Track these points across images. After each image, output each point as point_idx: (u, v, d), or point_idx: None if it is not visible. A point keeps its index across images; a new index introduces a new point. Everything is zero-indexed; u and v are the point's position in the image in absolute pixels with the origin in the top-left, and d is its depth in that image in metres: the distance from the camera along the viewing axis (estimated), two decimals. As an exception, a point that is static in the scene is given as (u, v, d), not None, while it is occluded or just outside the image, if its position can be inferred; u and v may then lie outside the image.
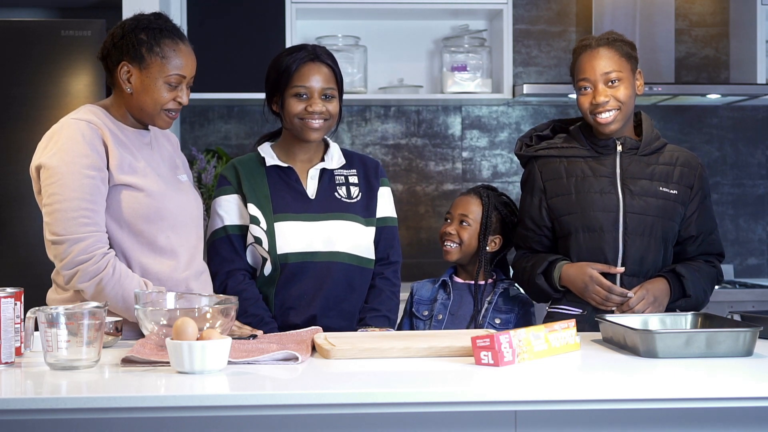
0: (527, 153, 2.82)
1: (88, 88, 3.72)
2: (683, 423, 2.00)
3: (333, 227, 2.67)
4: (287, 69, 2.66)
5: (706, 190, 2.77)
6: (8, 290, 2.10)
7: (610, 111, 2.68)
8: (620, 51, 2.70)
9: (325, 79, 2.66)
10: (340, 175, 2.75)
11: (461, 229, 2.93)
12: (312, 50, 2.69)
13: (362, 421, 1.96)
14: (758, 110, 4.64)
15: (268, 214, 2.65)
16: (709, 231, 2.76)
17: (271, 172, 2.71)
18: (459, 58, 4.34)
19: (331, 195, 2.71)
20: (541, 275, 2.72)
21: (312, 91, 2.65)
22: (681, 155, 2.77)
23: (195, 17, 4.14)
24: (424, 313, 2.90)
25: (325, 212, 2.68)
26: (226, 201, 2.71)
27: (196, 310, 2.14)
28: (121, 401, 1.79)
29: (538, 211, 2.78)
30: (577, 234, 2.70)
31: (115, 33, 2.49)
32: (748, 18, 4.40)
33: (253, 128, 4.47)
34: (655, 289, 2.63)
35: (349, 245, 2.68)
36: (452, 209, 2.99)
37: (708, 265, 2.75)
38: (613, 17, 4.30)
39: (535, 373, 2.01)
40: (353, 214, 2.70)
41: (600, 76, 2.68)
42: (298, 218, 2.66)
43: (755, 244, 4.62)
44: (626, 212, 2.67)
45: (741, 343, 2.15)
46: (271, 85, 2.72)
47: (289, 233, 2.64)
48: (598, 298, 2.62)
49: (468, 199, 2.98)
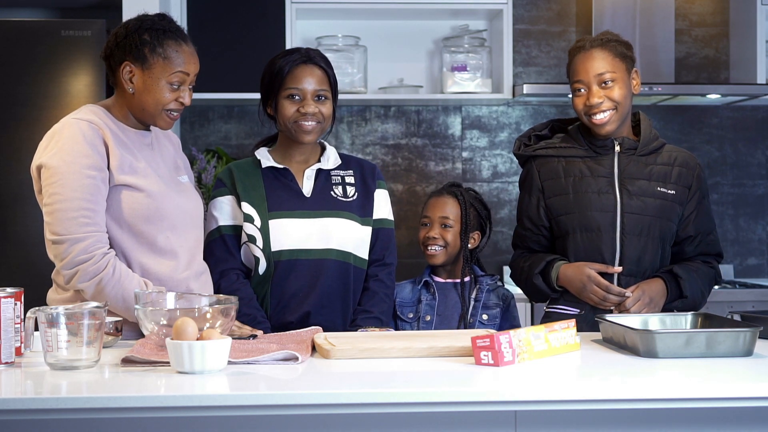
0: (525, 152, 2.82)
1: (89, 88, 3.72)
2: (683, 423, 2.00)
3: (328, 224, 2.68)
4: (280, 71, 2.68)
5: (704, 190, 2.77)
6: (8, 290, 2.10)
7: (605, 112, 2.68)
8: (614, 51, 2.70)
9: (318, 81, 2.68)
10: (336, 176, 2.77)
11: (444, 232, 2.96)
12: (305, 53, 2.71)
13: (362, 421, 1.96)
14: (758, 110, 4.64)
15: (263, 212, 2.66)
16: (707, 231, 2.76)
17: (267, 173, 2.73)
18: (459, 58, 4.34)
19: (326, 193, 2.72)
20: (538, 275, 2.73)
21: (305, 93, 2.67)
22: (679, 155, 2.77)
23: (195, 17, 4.14)
24: (409, 315, 2.91)
25: (321, 209, 2.69)
26: (220, 202, 2.72)
27: (196, 310, 2.14)
28: (121, 401, 1.79)
29: (536, 211, 2.78)
30: (575, 234, 2.71)
31: (119, 33, 2.49)
32: (748, 18, 4.40)
33: (253, 128, 4.47)
34: (651, 289, 2.63)
35: (343, 242, 2.69)
36: (429, 212, 3.00)
37: (706, 266, 2.75)
38: (613, 17, 4.30)
39: (535, 373, 2.01)
40: (349, 212, 2.71)
41: (594, 77, 2.69)
42: (292, 215, 2.67)
43: (755, 244, 4.62)
44: (624, 212, 2.67)
45: (741, 343, 2.15)
46: (265, 88, 2.74)
47: (283, 230, 2.65)
48: (596, 297, 2.63)
49: (444, 200, 2.99)
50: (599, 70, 2.69)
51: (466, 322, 2.86)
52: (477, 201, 3.02)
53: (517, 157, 2.88)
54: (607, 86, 2.68)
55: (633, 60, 2.75)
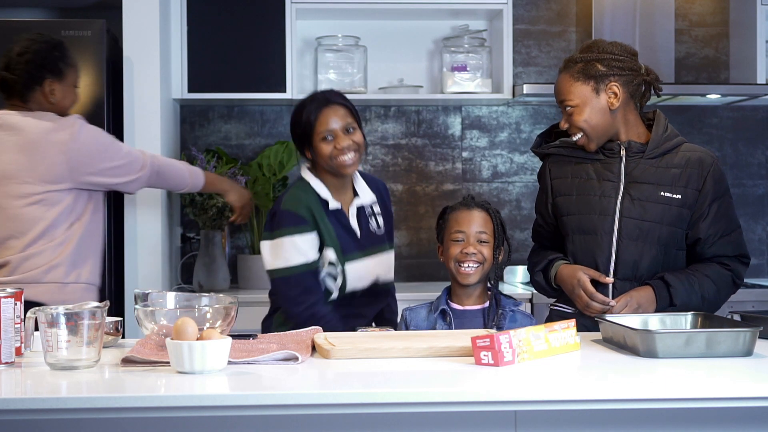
0: (540, 151, 2.85)
1: (89, 88, 3.72)
2: (683, 423, 2.01)
3: (380, 261, 2.90)
4: (308, 121, 2.80)
5: (719, 191, 2.68)
6: (8, 290, 2.10)
7: (576, 135, 2.69)
8: (574, 75, 2.67)
9: (342, 116, 2.81)
10: (367, 206, 2.92)
11: (482, 248, 2.71)
12: (322, 97, 2.85)
13: (362, 421, 1.96)
14: (758, 110, 4.63)
15: (340, 255, 2.79)
16: (724, 232, 2.67)
17: (330, 212, 2.82)
18: (459, 58, 4.34)
19: (368, 230, 2.89)
20: (540, 272, 2.76)
21: (335, 132, 2.79)
22: (693, 156, 2.70)
23: (195, 17, 4.14)
24: None
25: (369, 248, 2.87)
26: (310, 239, 2.77)
27: (196, 310, 2.14)
28: (121, 401, 1.80)
29: (545, 208, 2.81)
30: (573, 235, 2.71)
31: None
32: (748, 18, 4.40)
33: (253, 128, 4.47)
34: (639, 296, 2.60)
35: (388, 273, 2.95)
36: (463, 227, 2.73)
37: (720, 267, 2.67)
38: (613, 17, 4.30)
39: (535, 373, 2.01)
40: (385, 244, 2.93)
41: (559, 102, 2.72)
42: (355, 257, 2.83)
43: (755, 244, 4.62)
44: (622, 217, 2.65)
45: (741, 343, 2.15)
46: (299, 139, 2.85)
47: (355, 273, 2.82)
48: (580, 302, 2.63)
49: (477, 214, 2.75)
50: (560, 97, 2.71)
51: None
52: (498, 214, 2.81)
53: (535, 153, 2.89)
54: (569, 112, 2.68)
55: (610, 74, 2.65)
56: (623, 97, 2.68)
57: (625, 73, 2.68)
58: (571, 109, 2.67)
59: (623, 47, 2.72)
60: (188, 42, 4.11)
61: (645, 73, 2.72)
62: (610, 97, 2.67)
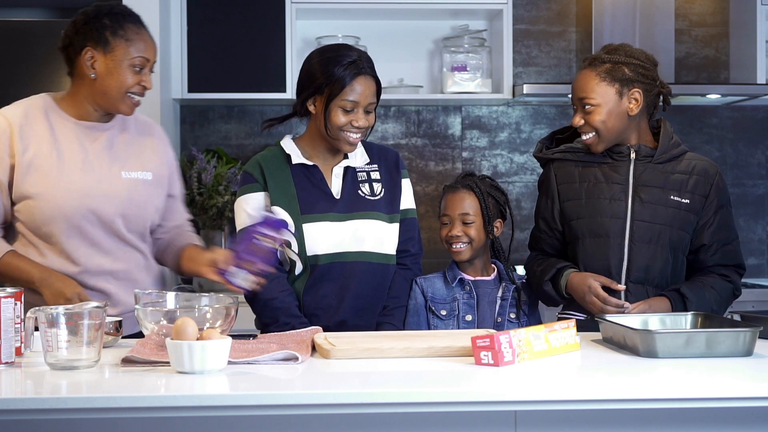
0: (545, 156, 2.82)
1: (88, 88, 3.72)
2: (683, 423, 2.00)
3: (359, 226, 2.66)
4: (340, 81, 2.60)
5: (722, 200, 2.72)
6: (8, 290, 2.10)
7: (587, 134, 2.69)
8: (600, 74, 2.66)
9: (372, 93, 2.65)
10: (362, 172, 2.74)
11: (466, 229, 2.83)
12: (360, 64, 2.64)
13: (362, 421, 1.96)
14: (758, 110, 4.64)
15: (296, 215, 2.63)
16: (725, 241, 2.70)
17: (296, 169, 2.68)
18: (459, 58, 4.34)
19: (355, 193, 2.69)
20: (548, 282, 2.72)
21: (358, 106, 2.62)
22: (698, 164, 2.73)
23: (195, 17, 4.14)
24: (442, 312, 2.82)
25: (351, 212, 2.67)
26: (253, 199, 2.67)
27: (196, 310, 2.14)
28: (121, 401, 1.80)
29: (551, 214, 2.79)
30: (584, 239, 2.70)
31: (77, 20, 2.54)
32: (748, 18, 4.40)
33: (253, 128, 4.47)
34: (656, 305, 2.60)
35: (375, 244, 2.68)
36: (448, 210, 2.87)
37: (722, 280, 2.69)
38: (613, 17, 4.30)
39: (535, 373, 2.01)
40: (377, 212, 2.70)
41: (577, 99, 2.70)
42: (325, 218, 2.64)
43: (755, 244, 4.62)
44: (634, 220, 2.66)
45: (741, 343, 2.15)
46: (314, 88, 2.65)
47: (318, 234, 2.63)
48: (595, 308, 2.63)
49: (461, 195, 2.86)
50: (580, 94, 2.68)
51: (494, 321, 2.80)
52: (494, 189, 2.89)
53: (537, 159, 2.88)
54: (586, 110, 2.67)
55: (632, 81, 2.66)
56: (642, 105, 2.69)
57: (647, 81, 2.69)
58: (591, 108, 2.66)
59: (647, 56, 2.73)
60: (188, 42, 4.12)
61: (660, 85, 2.73)
62: (631, 102, 2.67)
